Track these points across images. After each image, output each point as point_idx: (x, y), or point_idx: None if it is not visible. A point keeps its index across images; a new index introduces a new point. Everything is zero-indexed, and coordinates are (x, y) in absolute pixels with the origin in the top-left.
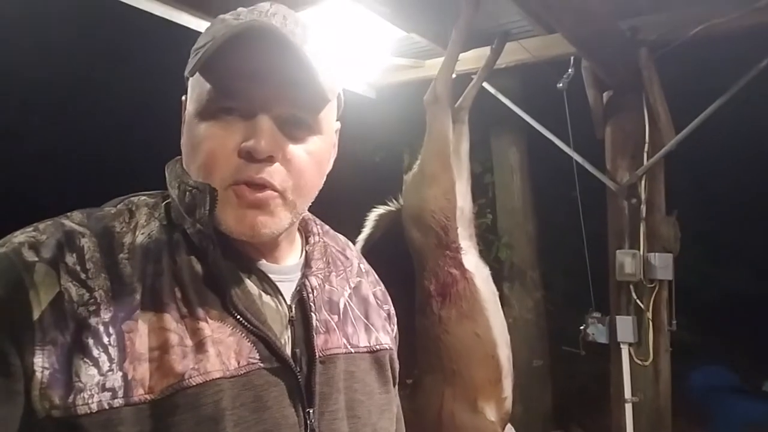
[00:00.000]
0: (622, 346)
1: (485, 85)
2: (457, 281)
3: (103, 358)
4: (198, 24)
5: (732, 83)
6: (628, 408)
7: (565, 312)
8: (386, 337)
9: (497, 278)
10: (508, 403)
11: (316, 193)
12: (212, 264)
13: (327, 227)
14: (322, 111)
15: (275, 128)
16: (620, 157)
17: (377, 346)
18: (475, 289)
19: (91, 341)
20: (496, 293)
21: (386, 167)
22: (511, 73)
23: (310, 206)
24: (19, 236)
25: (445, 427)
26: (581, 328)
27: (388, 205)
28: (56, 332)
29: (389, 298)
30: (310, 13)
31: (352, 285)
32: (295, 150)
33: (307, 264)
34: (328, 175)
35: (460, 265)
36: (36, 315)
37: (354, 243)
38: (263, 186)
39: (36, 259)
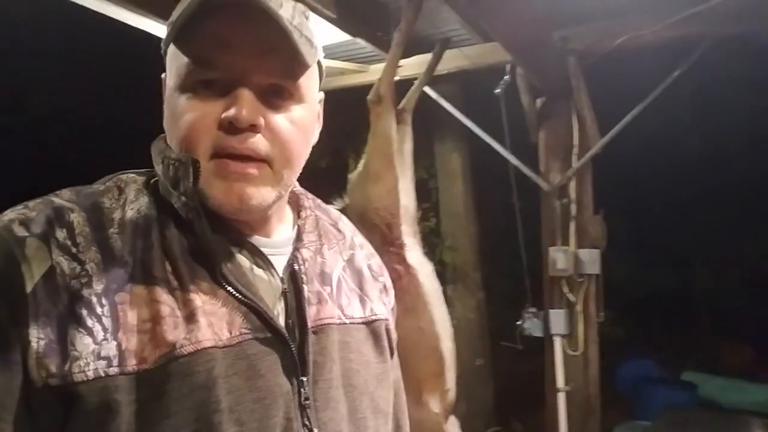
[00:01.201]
0: (555, 338)
1: (429, 91)
2: (401, 276)
3: (98, 327)
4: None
5: (651, 91)
6: (561, 397)
7: (506, 311)
8: (382, 308)
9: (441, 280)
10: (452, 395)
11: (303, 163)
12: (200, 236)
13: (319, 201)
14: (302, 78)
15: (255, 97)
16: (552, 160)
17: (372, 317)
18: (418, 284)
19: (84, 312)
20: (440, 288)
21: (332, 173)
22: (453, 79)
23: None
24: (9, 214)
25: None
26: (518, 323)
27: (333, 204)
28: (50, 304)
29: (385, 271)
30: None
31: (345, 257)
32: (278, 119)
33: (298, 237)
34: None
35: (404, 261)
36: (29, 288)
37: None
38: (248, 157)
39: (27, 234)
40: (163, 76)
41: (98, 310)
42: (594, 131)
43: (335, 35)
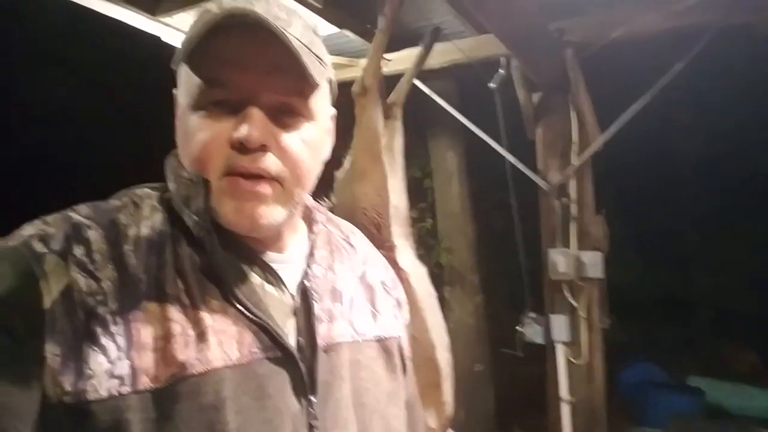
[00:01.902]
0: (556, 345)
1: (421, 86)
2: None
3: (111, 346)
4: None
5: (651, 85)
6: (565, 407)
7: (505, 315)
8: (394, 324)
9: (438, 283)
10: (449, 408)
11: (314, 180)
12: (211, 254)
13: (331, 215)
14: (312, 96)
15: (265, 117)
16: (551, 157)
17: (384, 334)
18: (410, 289)
19: (99, 329)
20: (434, 294)
21: (324, 170)
22: (447, 74)
23: None
24: (28, 229)
25: None
26: (518, 329)
27: (322, 203)
28: (66, 321)
29: (400, 285)
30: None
31: (358, 273)
32: (289, 138)
33: (310, 253)
34: None
35: (394, 264)
36: (47, 304)
37: None
38: (259, 176)
39: (46, 250)
40: (174, 91)
41: (112, 328)
42: (594, 127)
43: (322, 27)
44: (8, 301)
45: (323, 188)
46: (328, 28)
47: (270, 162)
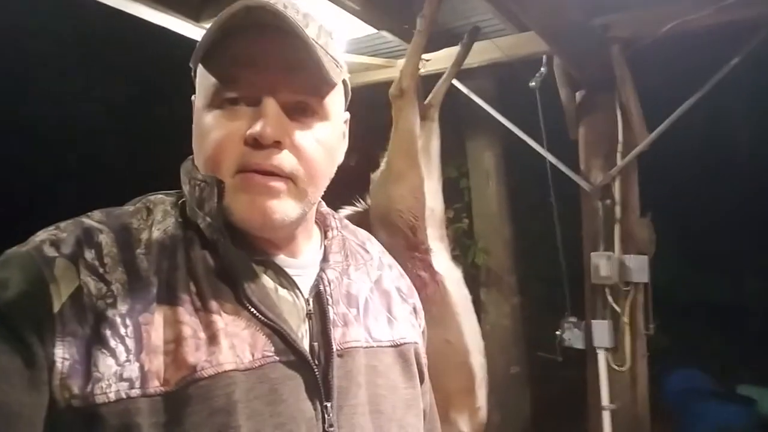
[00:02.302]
0: (598, 351)
1: (459, 85)
2: (427, 284)
3: (120, 348)
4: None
5: (704, 81)
6: (606, 415)
7: (543, 317)
8: (411, 331)
9: (474, 284)
10: (483, 414)
11: (327, 182)
12: (224, 256)
13: (347, 221)
14: (328, 96)
15: (281, 114)
16: (594, 158)
17: (401, 340)
18: (445, 293)
19: (108, 332)
20: (469, 297)
21: (362, 171)
22: (486, 73)
23: None
24: (41, 235)
25: None
26: (557, 333)
27: (355, 206)
28: (75, 324)
29: (415, 292)
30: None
31: (373, 278)
32: (304, 136)
33: (324, 258)
34: None
35: (429, 267)
36: (56, 307)
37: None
38: (272, 173)
39: (56, 254)
40: (192, 98)
41: (122, 330)
42: (641, 126)
43: (359, 29)
44: (18, 306)
45: (359, 190)
46: (365, 30)
47: (284, 159)
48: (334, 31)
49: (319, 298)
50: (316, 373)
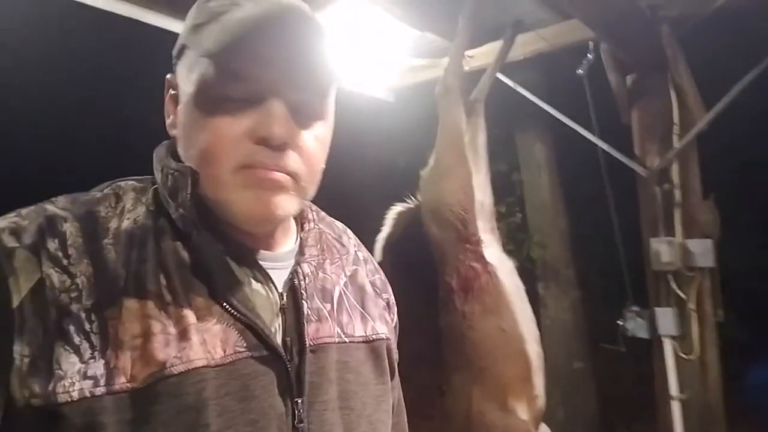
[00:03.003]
0: (664, 339)
1: (505, 79)
2: (479, 275)
3: (85, 345)
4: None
5: (759, 57)
6: (675, 406)
7: (605, 310)
8: (384, 326)
9: (530, 278)
10: (541, 402)
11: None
12: (196, 249)
13: (323, 213)
14: (328, 95)
15: (288, 114)
16: (649, 142)
17: (373, 336)
18: (498, 283)
19: (72, 328)
20: (522, 287)
21: (411, 171)
22: (533, 65)
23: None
24: (1, 222)
25: (475, 426)
26: (619, 323)
27: (407, 203)
28: (37, 319)
29: (389, 287)
30: (321, 17)
31: (348, 273)
32: (306, 136)
33: (300, 251)
34: (351, 183)
35: (481, 258)
36: (15, 302)
37: (374, 242)
38: (277, 172)
39: (16, 244)
40: (168, 77)
41: (86, 326)
42: (698, 106)
43: (404, 31)
44: None
45: (409, 187)
46: (410, 32)
47: (290, 159)
48: (349, 49)
49: (293, 292)
50: (289, 368)
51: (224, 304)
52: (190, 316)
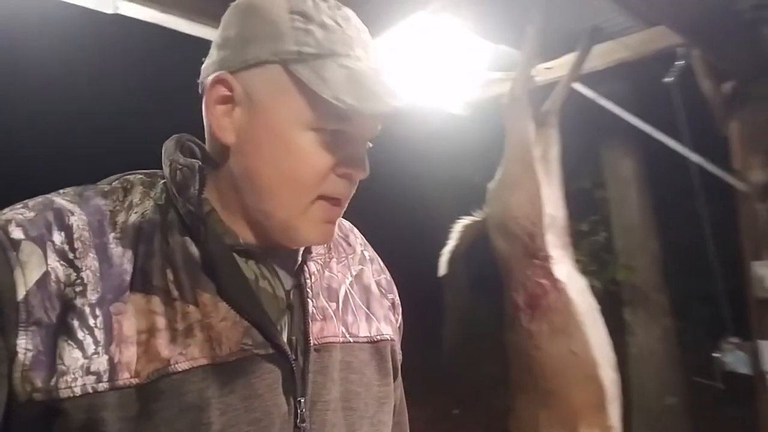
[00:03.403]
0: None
1: (584, 90)
2: (548, 292)
3: (89, 340)
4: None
5: None
6: None
7: (703, 341)
8: (388, 327)
9: (615, 302)
10: None
11: None
12: (204, 245)
13: None
14: None
15: None
16: (752, 154)
17: (378, 336)
18: (568, 301)
19: (76, 323)
20: (596, 307)
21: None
22: (618, 74)
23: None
24: (7, 213)
25: None
26: (715, 356)
27: (473, 216)
28: (41, 313)
29: (395, 287)
30: (395, 32)
31: (354, 272)
32: None
33: (307, 249)
34: (425, 198)
35: (550, 275)
36: (20, 295)
37: (439, 256)
38: (341, 201)
39: (22, 237)
40: (223, 76)
41: (91, 321)
42: None
43: (479, 44)
44: None
45: (476, 200)
46: (484, 44)
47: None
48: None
49: (299, 290)
50: (294, 367)
51: (230, 300)
52: (195, 312)
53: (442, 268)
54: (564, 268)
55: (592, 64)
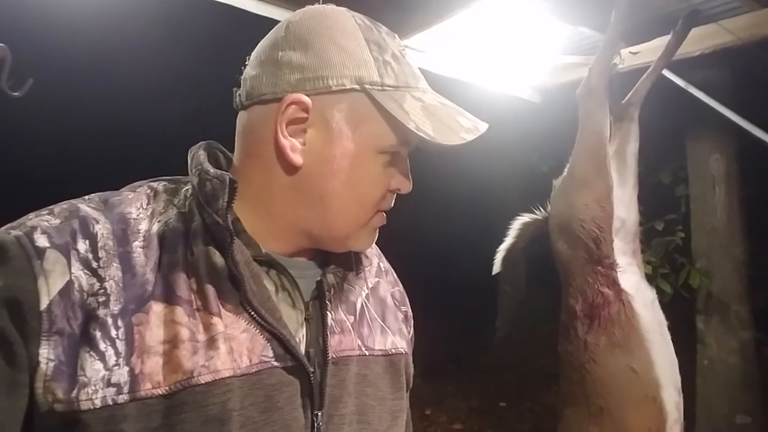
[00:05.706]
0: None
1: (674, 78)
2: (610, 303)
3: (110, 352)
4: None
5: None
6: None
7: None
8: (402, 340)
9: (687, 309)
10: None
11: None
12: (228, 255)
13: None
14: None
15: None
16: None
17: (393, 350)
18: (632, 315)
19: (98, 334)
20: (664, 323)
21: (554, 178)
22: (714, 61)
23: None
24: (33, 219)
25: None
26: None
27: (534, 213)
28: (64, 323)
29: (407, 299)
30: (466, 13)
31: (370, 285)
32: None
33: (327, 261)
34: (490, 188)
35: (614, 284)
36: (44, 304)
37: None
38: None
39: (47, 245)
40: (302, 98)
41: (113, 332)
42: None
43: (555, 27)
44: (2, 300)
45: (540, 198)
46: (563, 28)
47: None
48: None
49: (318, 302)
50: (312, 380)
51: (252, 312)
52: (218, 323)
53: (497, 267)
54: (631, 278)
55: (685, 50)
